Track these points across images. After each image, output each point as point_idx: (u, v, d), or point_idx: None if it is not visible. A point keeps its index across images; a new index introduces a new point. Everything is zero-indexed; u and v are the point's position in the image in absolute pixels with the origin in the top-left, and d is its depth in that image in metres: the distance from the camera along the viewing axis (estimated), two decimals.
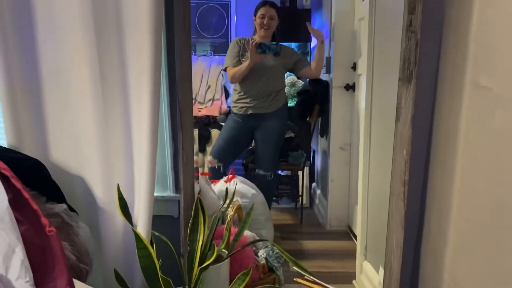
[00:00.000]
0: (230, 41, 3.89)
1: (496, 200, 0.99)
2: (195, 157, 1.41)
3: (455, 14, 1.16)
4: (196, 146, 1.49)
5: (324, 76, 3.02)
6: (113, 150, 1.31)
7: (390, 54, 1.87)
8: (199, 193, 1.41)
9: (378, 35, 2.08)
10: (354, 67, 2.64)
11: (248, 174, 2.97)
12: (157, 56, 1.22)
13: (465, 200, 1.13)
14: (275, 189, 2.93)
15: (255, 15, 2.57)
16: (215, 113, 3.48)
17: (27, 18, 1.27)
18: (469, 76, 1.08)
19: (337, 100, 2.76)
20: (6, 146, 1.27)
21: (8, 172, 1.05)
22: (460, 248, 1.15)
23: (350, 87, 2.67)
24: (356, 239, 2.39)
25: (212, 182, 2.32)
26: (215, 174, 2.53)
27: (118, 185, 1.22)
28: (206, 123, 3.37)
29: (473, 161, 1.08)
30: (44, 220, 1.00)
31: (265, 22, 2.52)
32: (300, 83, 3.34)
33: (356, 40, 2.59)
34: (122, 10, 1.23)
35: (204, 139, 3.17)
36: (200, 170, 2.87)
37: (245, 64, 2.45)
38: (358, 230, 2.07)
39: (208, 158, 2.70)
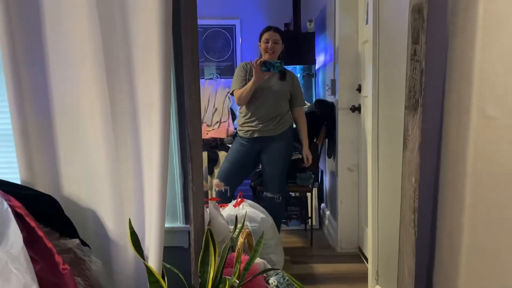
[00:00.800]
0: (236, 64, 3.96)
1: (507, 227, 0.99)
2: (204, 183, 1.42)
3: (459, 44, 1.18)
4: (204, 169, 1.51)
5: (329, 98, 3.04)
6: (124, 183, 1.33)
7: (394, 76, 1.89)
8: (209, 223, 1.42)
9: (382, 57, 2.10)
10: (359, 89, 2.66)
11: (257, 197, 2.97)
12: (167, 90, 1.25)
13: (476, 227, 1.12)
14: (284, 211, 2.92)
15: (260, 41, 2.61)
16: (222, 135, 3.52)
17: (39, 53, 1.30)
18: (475, 105, 1.09)
19: (343, 121, 2.77)
20: (19, 182, 1.30)
21: (22, 211, 1.07)
22: (472, 275, 1.14)
23: (356, 109, 2.69)
24: (367, 262, 2.37)
25: (221, 207, 2.32)
26: (223, 198, 2.54)
27: (129, 220, 1.23)
28: (214, 146, 3.40)
29: (482, 188, 1.09)
30: (58, 258, 1.01)
31: (269, 47, 2.56)
32: (306, 104, 3.36)
33: (361, 63, 2.61)
34: (132, 47, 1.26)
35: (212, 161, 3.19)
36: (208, 193, 2.89)
37: (250, 82, 2.47)
38: (369, 254, 2.06)
39: (215, 181, 2.71)
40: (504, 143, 1.00)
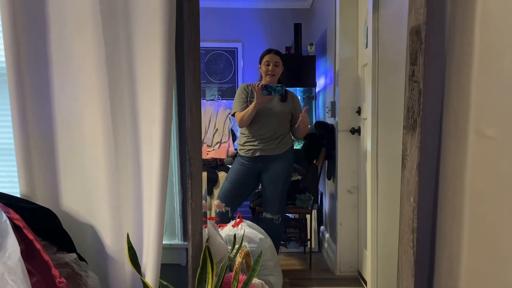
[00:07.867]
0: (237, 86, 4.01)
1: (507, 249, 0.99)
2: (203, 202, 1.42)
3: (456, 65, 1.20)
4: (204, 190, 1.52)
5: (329, 120, 3.06)
6: (123, 198, 1.33)
7: (393, 98, 1.91)
8: (207, 241, 1.41)
9: (381, 81, 2.13)
10: (359, 111, 2.68)
11: (255, 217, 2.96)
12: (168, 107, 1.26)
13: (475, 247, 1.12)
14: (282, 233, 2.90)
15: (260, 63, 2.65)
16: (223, 155, 3.52)
17: (44, 69, 1.33)
18: (473, 125, 1.11)
19: (343, 143, 2.78)
20: (19, 195, 1.30)
21: (20, 223, 1.07)
22: None
23: (356, 131, 2.71)
24: (366, 285, 2.34)
25: (220, 227, 2.31)
26: (223, 218, 2.52)
27: (128, 234, 1.23)
28: (214, 166, 3.40)
29: (481, 208, 1.09)
30: (55, 272, 1.01)
31: (270, 69, 2.59)
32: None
33: (360, 86, 2.65)
34: (135, 64, 1.29)
35: (212, 181, 3.19)
36: (207, 213, 2.87)
37: (252, 105, 2.50)
38: (368, 277, 2.04)
39: (215, 202, 2.70)
40: (502, 163, 1.01)
